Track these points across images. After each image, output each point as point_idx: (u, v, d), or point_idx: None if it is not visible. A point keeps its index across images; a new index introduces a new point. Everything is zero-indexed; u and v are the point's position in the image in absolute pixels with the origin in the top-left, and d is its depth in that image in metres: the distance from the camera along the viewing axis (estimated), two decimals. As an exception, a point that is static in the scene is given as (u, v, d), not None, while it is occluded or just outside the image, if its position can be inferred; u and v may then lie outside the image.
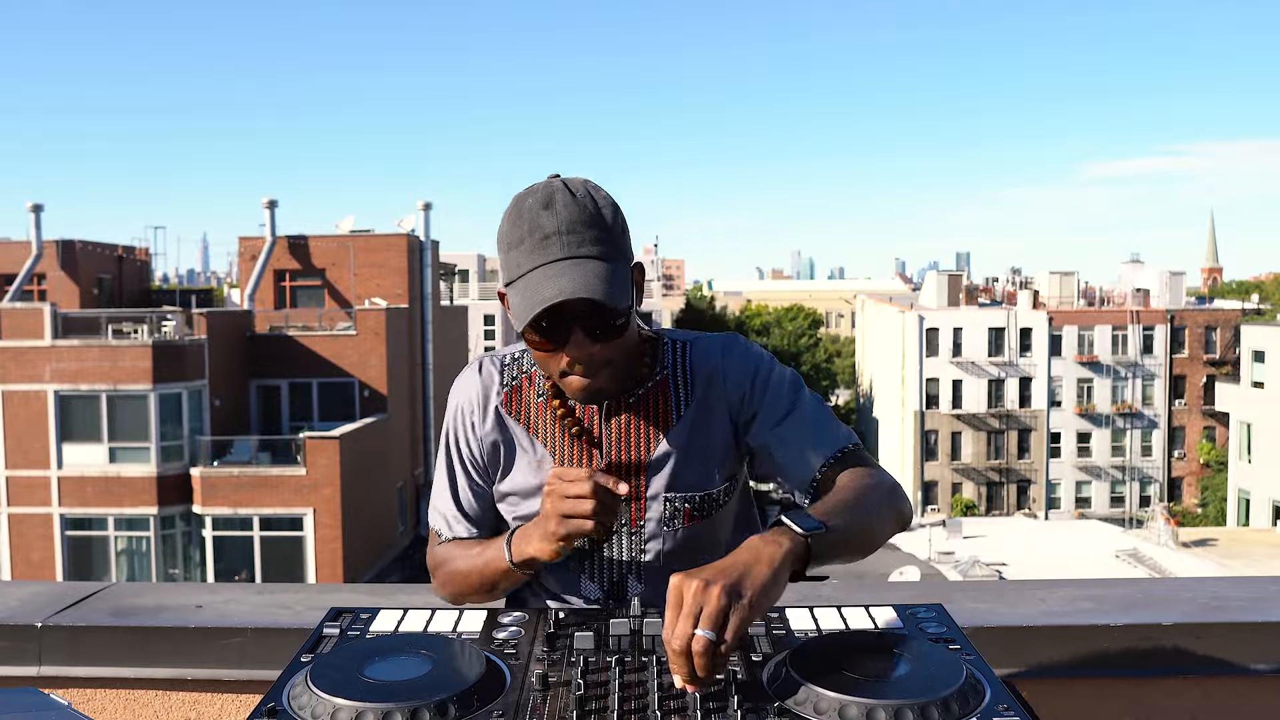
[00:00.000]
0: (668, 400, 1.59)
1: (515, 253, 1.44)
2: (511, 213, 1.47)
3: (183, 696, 2.16)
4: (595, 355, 1.45)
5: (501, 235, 1.48)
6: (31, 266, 29.74)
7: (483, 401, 1.63)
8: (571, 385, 1.50)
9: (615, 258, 1.45)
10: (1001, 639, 2.09)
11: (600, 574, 1.61)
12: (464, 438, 1.64)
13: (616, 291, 1.42)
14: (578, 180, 1.48)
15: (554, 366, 1.49)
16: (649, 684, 1.20)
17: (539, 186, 1.47)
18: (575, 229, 1.42)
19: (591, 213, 1.44)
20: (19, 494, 23.34)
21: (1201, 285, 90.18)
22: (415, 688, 1.15)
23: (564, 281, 1.39)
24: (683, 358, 1.61)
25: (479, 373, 1.65)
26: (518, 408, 1.62)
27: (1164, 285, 51.31)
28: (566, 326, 1.43)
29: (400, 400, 27.95)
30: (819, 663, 1.19)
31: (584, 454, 1.59)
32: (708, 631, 1.12)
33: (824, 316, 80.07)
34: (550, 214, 1.42)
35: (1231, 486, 37.32)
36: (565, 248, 1.41)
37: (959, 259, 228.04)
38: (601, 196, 1.47)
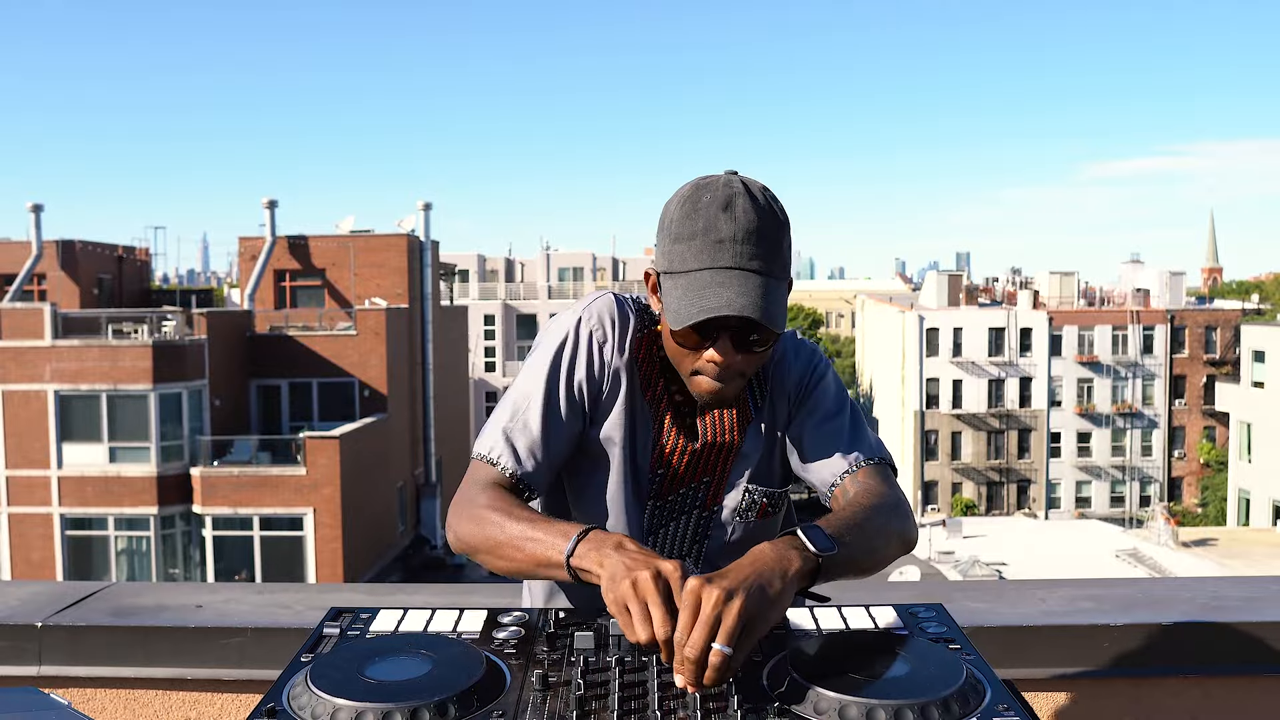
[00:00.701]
0: (748, 393, 1.60)
1: (683, 245, 1.42)
2: (687, 202, 1.43)
3: (183, 696, 2.16)
4: (734, 365, 1.45)
5: (670, 223, 1.44)
6: (31, 266, 29.74)
7: (618, 335, 1.57)
8: (700, 385, 1.48)
9: (781, 276, 1.43)
10: (1001, 639, 2.09)
11: (663, 551, 1.60)
12: (587, 359, 1.55)
13: (777, 312, 1.41)
14: (758, 185, 1.45)
15: (688, 364, 1.48)
16: (649, 684, 1.20)
17: (718, 182, 1.43)
18: (750, 239, 1.39)
19: (768, 224, 1.41)
20: (19, 494, 23.34)
21: (1201, 285, 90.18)
22: (415, 688, 1.14)
23: (731, 294, 1.37)
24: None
25: (617, 306, 1.58)
26: (646, 361, 1.58)
27: (1164, 285, 51.32)
28: (717, 332, 1.42)
29: (400, 400, 27.96)
30: (819, 663, 1.19)
31: (681, 437, 1.59)
32: (725, 647, 1.12)
33: (824, 316, 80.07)
34: (729, 217, 1.39)
35: (1231, 486, 37.32)
36: (738, 257, 1.39)
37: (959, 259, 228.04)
38: (779, 208, 1.45)
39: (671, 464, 1.59)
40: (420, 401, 30.18)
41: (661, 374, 1.59)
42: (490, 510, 1.43)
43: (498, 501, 1.45)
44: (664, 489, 1.60)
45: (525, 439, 1.51)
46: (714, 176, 1.45)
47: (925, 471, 48.35)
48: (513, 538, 1.39)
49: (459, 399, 35.75)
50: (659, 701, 1.15)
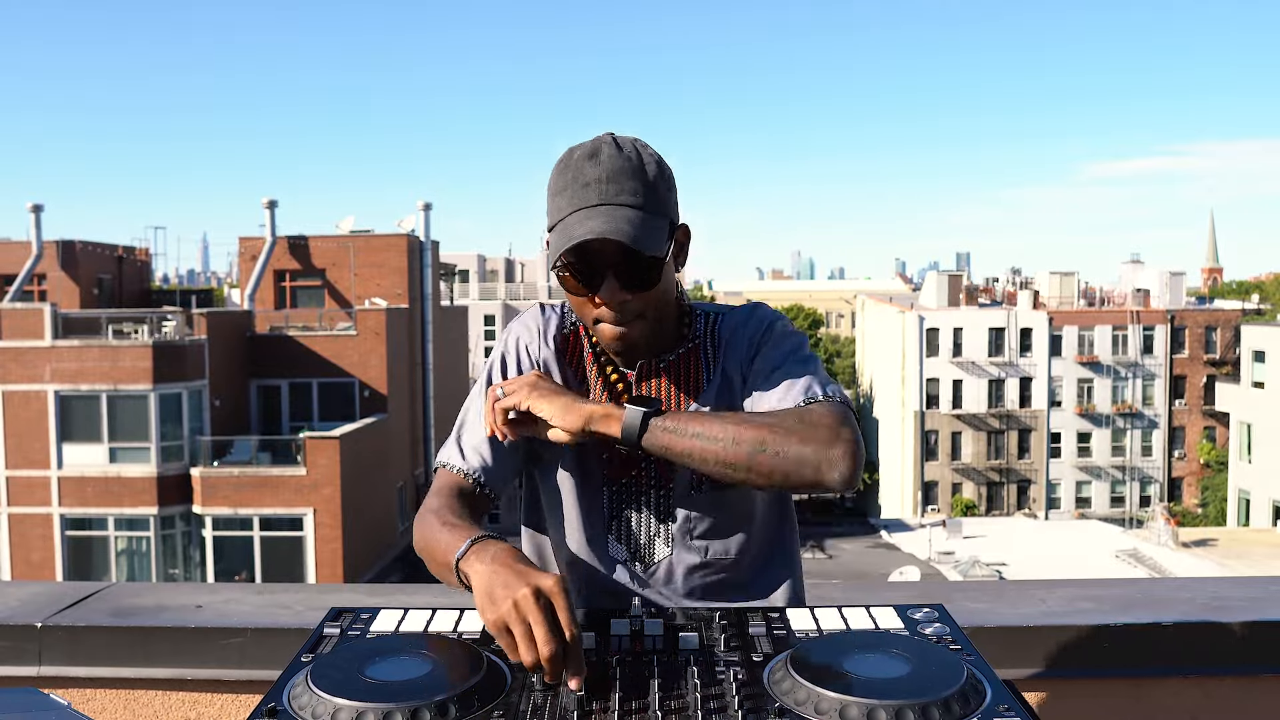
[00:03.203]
0: (698, 366, 1.61)
1: (558, 198, 1.49)
2: (560, 162, 1.51)
3: (183, 696, 2.16)
4: (627, 304, 1.48)
5: (549, 183, 1.52)
6: (31, 267, 29.73)
7: (542, 334, 1.65)
8: (603, 334, 1.53)
9: (653, 209, 1.47)
10: (1001, 639, 2.09)
11: (627, 536, 1.60)
12: (516, 363, 1.64)
13: (648, 240, 1.44)
14: (628, 137, 1.53)
15: (588, 314, 1.52)
16: (649, 684, 1.20)
17: (590, 140, 1.52)
18: (616, 179, 1.46)
19: (634, 165, 1.48)
20: (19, 494, 23.34)
21: (1201, 285, 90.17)
22: (416, 688, 1.15)
23: (595, 223, 1.43)
24: (713, 326, 1.64)
25: (540, 312, 1.69)
26: (571, 355, 1.65)
27: (1164, 285, 51.32)
28: (599, 271, 1.47)
29: (400, 400, 27.95)
30: (819, 663, 1.19)
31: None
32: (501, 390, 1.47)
33: (824, 316, 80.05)
34: (594, 163, 1.47)
35: (1231, 486, 37.31)
36: (604, 195, 1.45)
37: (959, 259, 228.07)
38: (648, 153, 1.51)
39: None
40: (420, 401, 30.18)
41: (595, 360, 1.63)
42: (427, 513, 1.49)
43: (436, 503, 1.50)
44: (615, 472, 1.60)
45: (470, 440, 1.58)
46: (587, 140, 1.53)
47: (925, 472, 48.35)
48: (432, 541, 1.43)
49: (459, 399, 35.69)
50: (659, 702, 1.16)
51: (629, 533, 1.60)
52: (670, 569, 1.59)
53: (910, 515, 45.45)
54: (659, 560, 1.59)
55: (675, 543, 1.59)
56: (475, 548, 1.32)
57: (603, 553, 1.61)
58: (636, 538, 1.60)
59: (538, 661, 1.16)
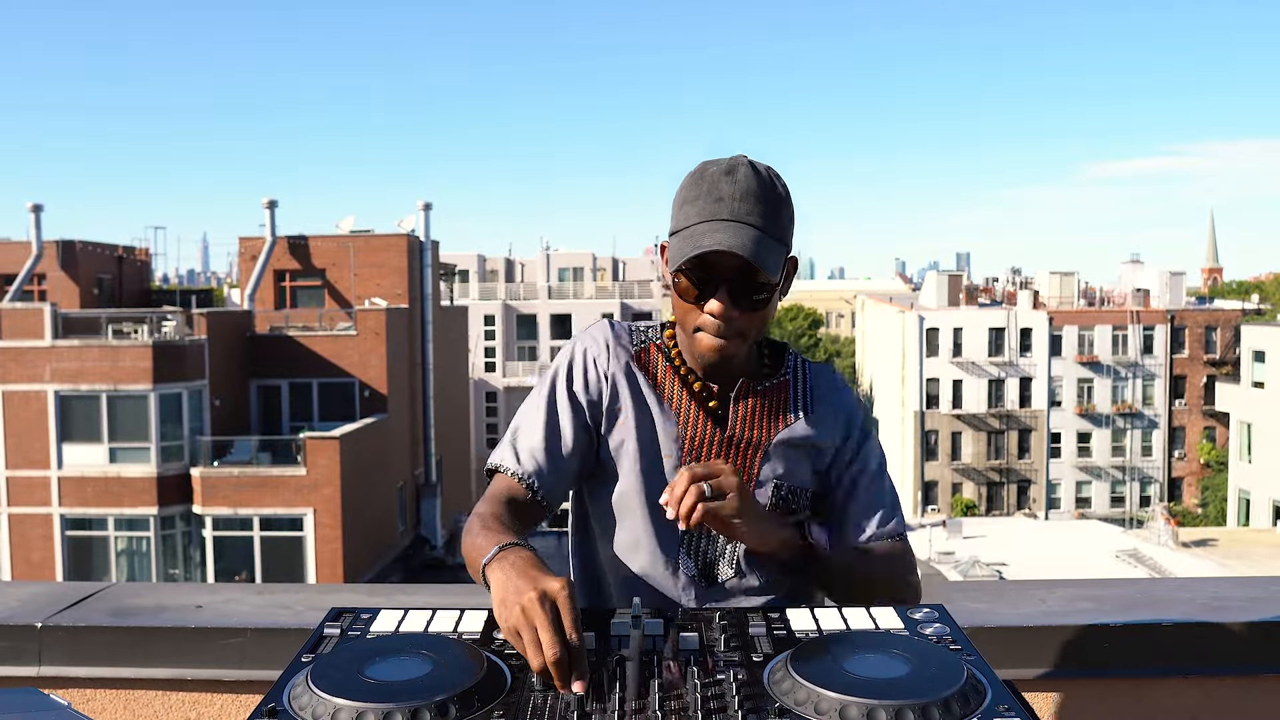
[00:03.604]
0: (788, 400, 1.65)
1: (687, 207, 1.53)
2: (695, 173, 1.56)
3: (183, 696, 2.16)
4: (734, 319, 1.52)
5: (680, 191, 1.56)
6: (31, 266, 29.73)
7: (611, 347, 1.65)
8: (702, 343, 1.55)
9: (776, 235, 1.52)
10: (1001, 639, 2.09)
11: (697, 551, 1.61)
12: (583, 373, 1.63)
13: (769, 261, 1.49)
14: (764, 164, 1.57)
15: (691, 320, 1.55)
16: (650, 684, 1.20)
17: (727, 158, 1.56)
18: (748, 199, 1.50)
19: (767, 190, 1.52)
20: (19, 494, 23.34)
21: (1201, 285, 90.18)
22: (416, 688, 1.14)
23: (724, 236, 1.47)
24: (803, 369, 1.70)
25: (610, 327, 1.69)
26: (648, 366, 1.65)
27: (1164, 285, 51.33)
28: (716, 282, 1.51)
29: (400, 400, 27.96)
30: (819, 663, 1.19)
31: (710, 425, 1.61)
32: (710, 491, 1.40)
33: (824, 316, 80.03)
34: (730, 181, 1.51)
35: (1231, 486, 37.32)
36: (734, 212, 1.49)
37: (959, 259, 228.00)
38: (780, 182, 1.56)
39: (701, 456, 1.60)
40: (420, 401, 30.18)
41: (674, 375, 1.63)
42: (474, 517, 1.49)
43: (484, 509, 1.50)
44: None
45: (527, 444, 1.59)
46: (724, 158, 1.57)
47: (925, 471, 48.36)
48: (469, 546, 1.44)
49: (459, 399, 35.75)
50: (659, 702, 1.16)
51: (699, 548, 1.62)
52: (732, 590, 1.61)
53: (910, 515, 45.43)
54: (722, 580, 1.61)
55: (740, 564, 1.61)
56: (500, 554, 1.33)
57: (674, 567, 1.61)
58: (704, 556, 1.62)
59: (544, 667, 1.17)
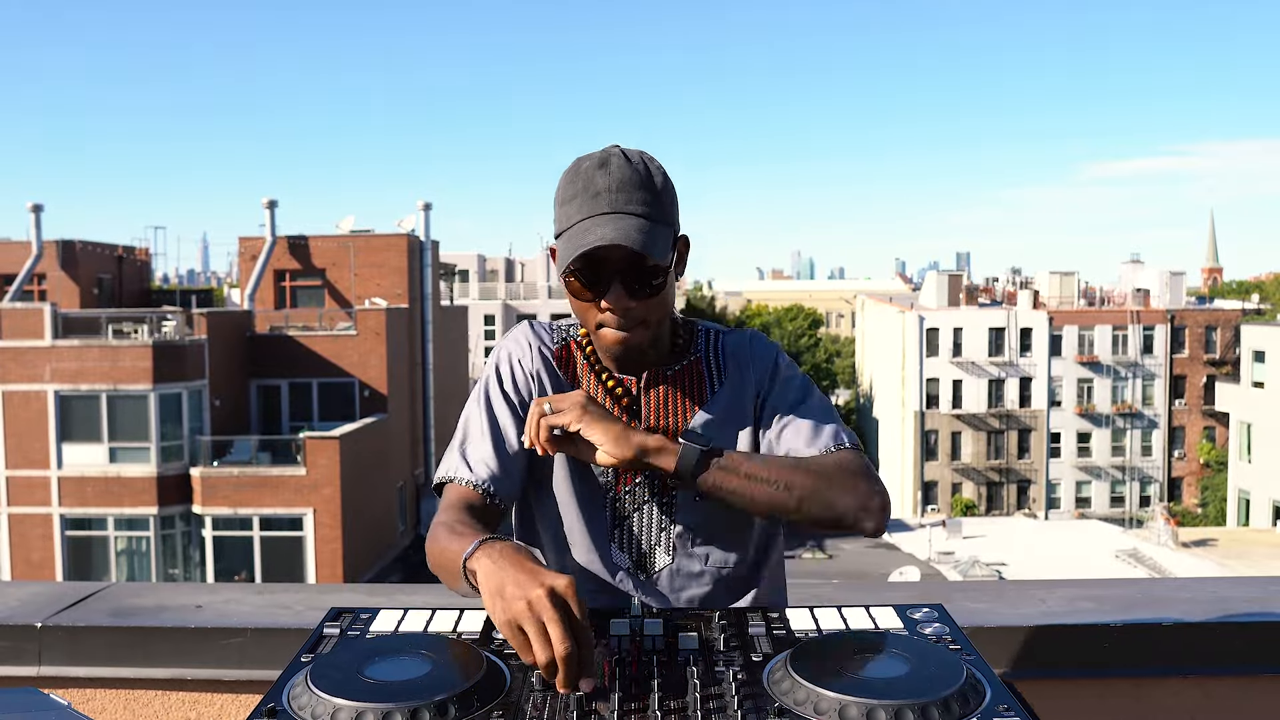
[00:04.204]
0: (701, 379, 1.65)
1: (567, 207, 1.53)
2: (569, 171, 1.56)
3: (183, 696, 2.16)
4: (632, 310, 1.52)
5: (557, 191, 1.56)
6: (31, 266, 29.74)
7: (533, 347, 1.68)
8: (605, 338, 1.56)
9: (659, 219, 1.52)
10: (1001, 639, 2.09)
11: (629, 543, 1.62)
12: (510, 375, 1.65)
13: (655, 247, 1.49)
14: (635, 150, 1.57)
15: (591, 318, 1.56)
16: (649, 684, 1.20)
17: (598, 151, 1.57)
18: (625, 188, 1.50)
19: (642, 176, 1.52)
20: (19, 494, 23.34)
21: (1201, 285, 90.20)
22: (415, 688, 1.15)
23: (606, 230, 1.47)
24: (715, 343, 1.69)
25: (530, 328, 1.72)
26: (566, 366, 1.67)
27: (1164, 285, 51.33)
28: (606, 277, 1.51)
29: (400, 400, 27.96)
30: (819, 663, 1.19)
31: (623, 418, 1.61)
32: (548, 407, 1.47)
33: (824, 316, 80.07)
34: (604, 173, 1.51)
35: (1231, 486, 37.32)
36: (613, 204, 1.49)
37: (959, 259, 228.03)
38: (654, 165, 1.56)
39: None
40: (420, 401, 30.18)
41: (590, 371, 1.65)
42: (437, 526, 1.49)
43: (445, 517, 1.51)
44: (619, 480, 1.61)
45: (475, 453, 1.59)
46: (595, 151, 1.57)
47: (925, 471, 48.35)
48: (441, 551, 1.43)
49: (459, 399, 35.71)
50: (659, 702, 1.16)
51: (631, 540, 1.62)
52: (671, 576, 1.61)
53: (910, 515, 45.44)
54: (660, 568, 1.61)
55: (676, 551, 1.61)
56: (483, 546, 1.32)
57: (606, 560, 1.62)
58: (638, 545, 1.62)
59: (551, 661, 1.15)
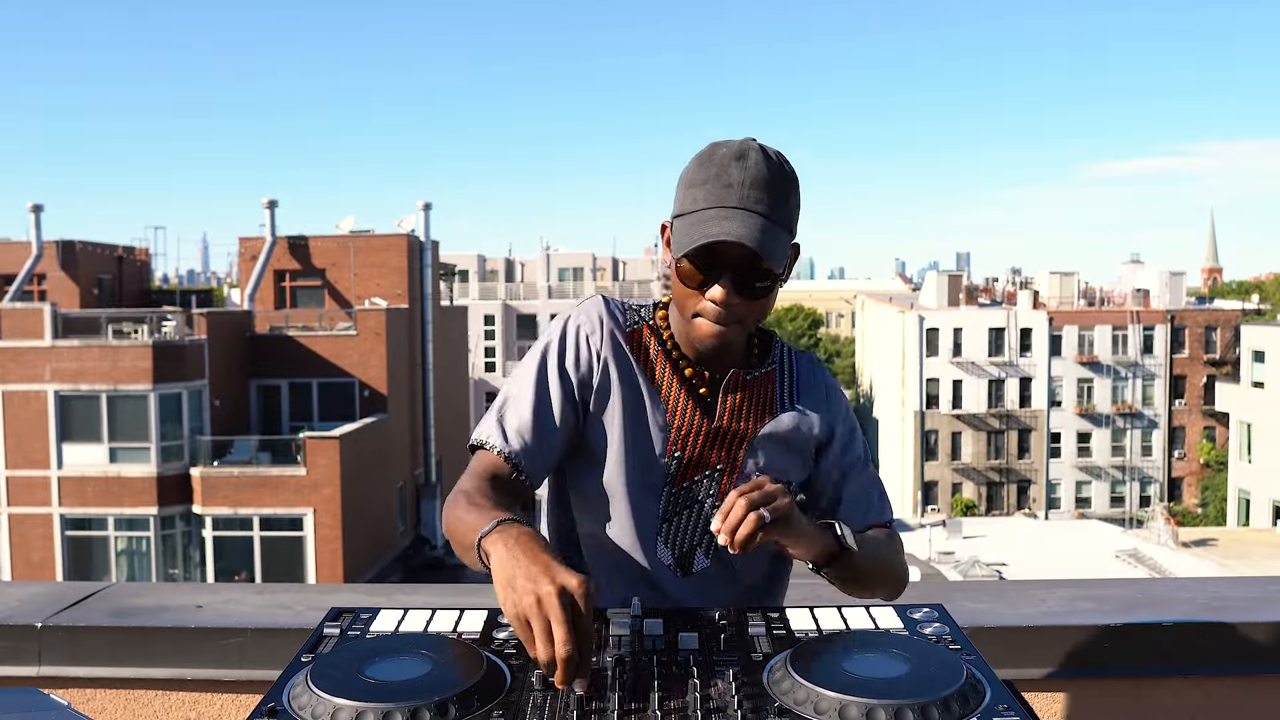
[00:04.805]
0: (774, 391, 1.65)
1: (695, 190, 1.49)
2: (703, 155, 1.52)
3: (183, 696, 2.16)
4: (735, 306, 1.50)
5: (686, 173, 1.53)
6: (31, 266, 29.73)
7: (603, 326, 1.62)
8: (700, 329, 1.53)
9: (783, 223, 1.50)
10: (1001, 639, 2.09)
11: (675, 541, 1.61)
12: (575, 349, 1.60)
13: (775, 251, 1.47)
14: (774, 149, 1.53)
15: (691, 305, 1.52)
16: (649, 684, 1.20)
17: (736, 141, 1.52)
18: (758, 185, 1.47)
19: (778, 177, 1.49)
20: (19, 494, 23.34)
21: (1201, 285, 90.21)
22: (415, 688, 1.14)
23: (733, 225, 1.44)
24: (791, 359, 1.69)
25: (605, 303, 1.65)
26: (639, 350, 1.62)
27: (1164, 285, 51.34)
28: (720, 269, 1.48)
29: (400, 400, 27.96)
30: (819, 663, 1.19)
31: (698, 415, 1.60)
32: (767, 512, 1.33)
33: (824, 316, 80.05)
34: (740, 166, 1.47)
35: (1231, 486, 37.32)
36: (743, 199, 1.46)
37: (959, 259, 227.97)
38: (789, 168, 1.53)
39: (687, 446, 1.59)
40: (420, 401, 30.18)
41: (666, 359, 1.61)
42: (458, 493, 1.45)
43: (468, 484, 1.47)
44: (679, 475, 1.59)
45: (515, 421, 1.54)
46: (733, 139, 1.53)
47: (925, 471, 48.36)
48: (457, 520, 1.40)
49: (459, 399, 35.75)
50: (659, 702, 1.16)
51: (678, 538, 1.61)
52: (705, 579, 1.61)
53: (910, 515, 45.44)
54: (698, 569, 1.61)
55: (715, 554, 1.60)
56: (499, 528, 1.29)
57: (650, 553, 1.61)
58: (681, 544, 1.61)
59: (551, 660, 1.14)
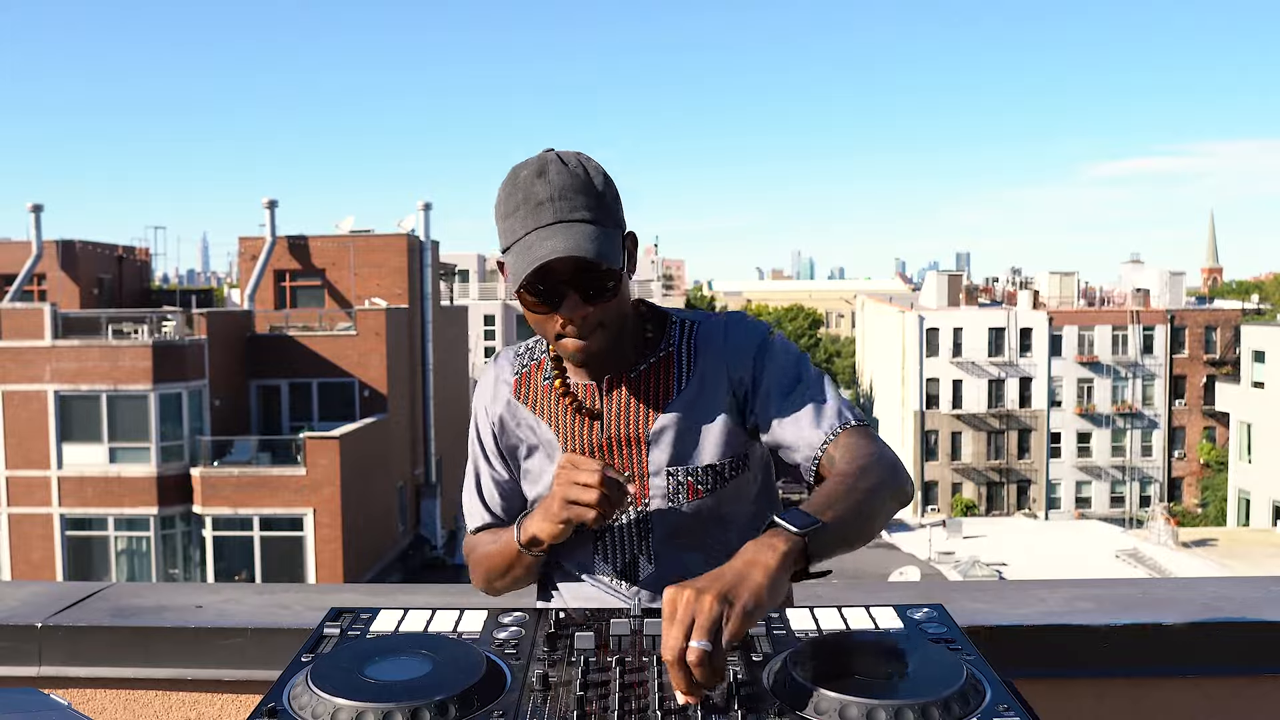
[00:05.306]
0: (670, 376, 1.59)
1: (511, 220, 1.49)
2: (507, 183, 1.52)
3: (183, 696, 2.16)
4: (588, 316, 1.49)
5: (498, 205, 1.52)
6: (31, 266, 29.72)
7: (495, 388, 1.70)
8: (566, 348, 1.53)
9: (605, 221, 1.49)
10: (1001, 639, 2.09)
11: (612, 554, 1.60)
12: (481, 428, 1.71)
13: (607, 251, 1.46)
14: (570, 152, 1.53)
15: (550, 330, 1.53)
16: (649, 684, 1.20)
17: (533, 158, 1.52)
18: (567, 195, 1.46)
19: (583, 180, 1.49)
20: (19, 494, 23.33)
21: (1201, 285, 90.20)
22: (415, 688, 1.15)
23: (555, 242, 1.44)
24: (689, 335, 1.62)
25: (495, 363, 1.73)
26: (527, 392, 1.67)
27: (1164, 285, 51.32)
28: (560, 288, 1.48)
29: (400, 400, 27.95)
30: (819, 663, 1.19)
31: (585, 429, 1.59)
32: (702, 642, 1.09)
33: (824, 316, 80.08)
34: (544, 182, 1.47)
35: (1231, 486, 37.30)
36: (558, 212, 1.46)
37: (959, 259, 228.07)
38: (593, 166, 1.52)
39: None
40: (420, 401, 30.17)
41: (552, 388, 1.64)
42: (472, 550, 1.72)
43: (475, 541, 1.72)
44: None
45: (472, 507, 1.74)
46: (530, 157, 1.54)
47: (925, 471, 48.33)
48: (492, 554, 1.65)
49: (459, 399, 35.71)
50: (659, 701, 1.15)
51: (614, 551, 1.60)
52: (656, 584, 1.57)
53: (910, 515, 45.41)
54: (643, 578, 1.59)
55: (658, 558, 1.59)
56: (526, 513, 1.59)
57: (590, 571, 1.62)
58: (621, 556, 1.60)
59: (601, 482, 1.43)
